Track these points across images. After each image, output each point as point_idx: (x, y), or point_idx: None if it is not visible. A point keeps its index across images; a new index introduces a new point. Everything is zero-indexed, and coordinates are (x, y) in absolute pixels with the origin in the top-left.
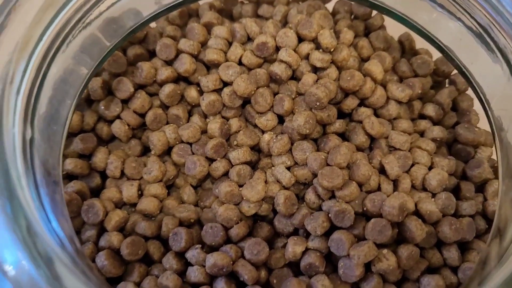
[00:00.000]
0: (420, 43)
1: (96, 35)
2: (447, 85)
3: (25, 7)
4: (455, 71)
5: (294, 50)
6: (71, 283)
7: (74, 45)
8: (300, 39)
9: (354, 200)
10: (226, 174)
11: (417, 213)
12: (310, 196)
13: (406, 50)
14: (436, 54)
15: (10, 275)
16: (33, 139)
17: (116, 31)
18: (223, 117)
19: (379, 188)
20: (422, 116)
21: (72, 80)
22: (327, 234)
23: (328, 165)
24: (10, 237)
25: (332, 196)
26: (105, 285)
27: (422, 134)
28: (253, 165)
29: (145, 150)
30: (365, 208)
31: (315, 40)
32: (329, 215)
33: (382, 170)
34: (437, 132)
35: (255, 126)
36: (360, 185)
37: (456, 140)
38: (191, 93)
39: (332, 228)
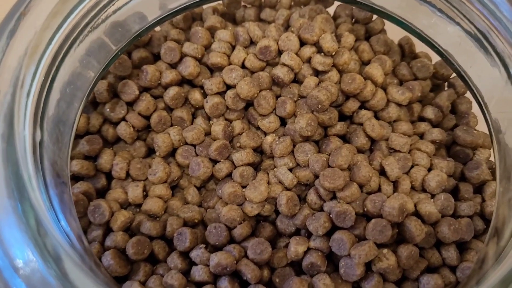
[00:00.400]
0: (419, 46)
1: (102, 39)
2: (446, 88)
3: (35, 12)
4: (454, 75)
5: (296, 54)
6: (80, 280)
7: (82, 49)
8: (302, 43)
9: (355, 201)
10: (229, 175)
11: (416, 213)
12: (311, 197)
13: (406, 53)
14: (435, 58)
15: (21, 273)
16: (43, 141)
17: (122, 35)
18: (226, 119)
19: (379, 189)
20: (422, 119)
21: (79, 83)
22: (328, 234)
23: (329, 166)
24: (21, 236)
25: (333, 197)
26: (112, 282)
27: (421, 136)
28: (256, 167)
29: (150, 152)
30: (365, 209)
31: (316, 44)
32: (331, 215)
33: (382, 172)
34: (436, 134)
35: (258, 128)
36: (360, 186)
37: (455, 142)
38: (195, 95)
39: (333, 228)
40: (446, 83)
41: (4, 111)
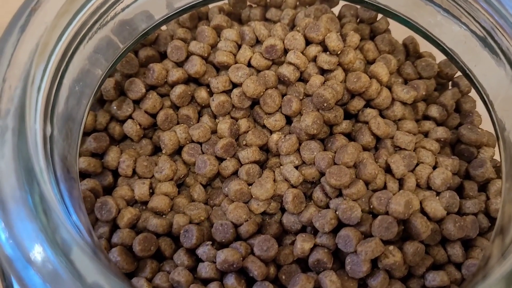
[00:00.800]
0: (423, 46)
1: (110, 37)
2: (450, 87)
3: (45, 8)
4: (458, 73)
5: (302, 53)
6: (91, 273)
7: (90, 47)
8: (308, 42)
9: (361, 198)
10: (235, 173)
11: (422, 211)
12: (318, 194)
13: (410, 53)
14: (440, 57)
15: (33, 265)
16: (53, 136)
17: (129, 34)
18: (232, 117)
19: (385, 187)
20: (426, 117)
21: (88, 80)
22: (334, 231)
23: (335, 164)
24: (32, 229)
25: (339, 195)
26: (123, 276)
27: (426, 134)
28: (262, 165)
29: (156, 150)
30: (371, 206)
31: (322, 43)
32: (337, 212)
33: (387, 169)
34: (441, 132)
35: (264, 126)
36: (366, 183)
37: (460, 141)
38: (201, 94)
39: (340, 225)
40: (450, 82)
41: (15, 105)
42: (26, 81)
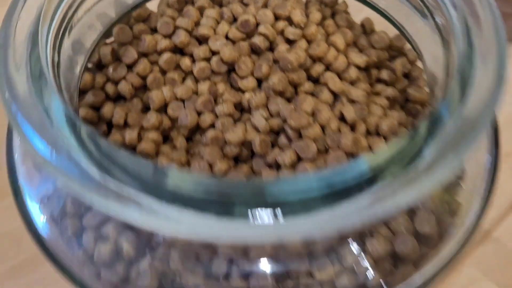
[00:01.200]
0: (379, 26)
1: (105, 11)
2: None
3: None
4: (407, 48)
5: (271, 26)
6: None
7: (88, 16)
8: (277, 19)
9: (317, 140)
10: (213, 126)
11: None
12: (282, 140)
13: (367, 31)
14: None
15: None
16: (59, 63)
17: (121, 7)
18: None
19: (339, 132)
20: (379, 82)
21: (86, 43)
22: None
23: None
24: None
25: (300, 137)
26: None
27: (378, 95)
28: (236, 122)
29: (145, 111)
30: (326, 146)
31: (288, 19)
32: (296, 150)
33: (342, 119)
34: (390, 91)
35: (239, 89)
36: (322, 128)
37: (407, 100)
38: (185, 62)
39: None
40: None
41: (29, 34)
42: (38, 23)
